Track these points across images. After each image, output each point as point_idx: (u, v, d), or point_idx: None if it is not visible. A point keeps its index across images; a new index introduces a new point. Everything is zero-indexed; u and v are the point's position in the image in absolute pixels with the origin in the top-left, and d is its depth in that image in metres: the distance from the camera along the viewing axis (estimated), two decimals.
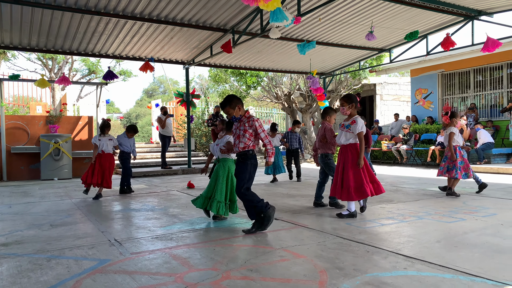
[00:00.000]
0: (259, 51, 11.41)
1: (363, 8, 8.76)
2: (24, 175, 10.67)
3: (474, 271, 2.92)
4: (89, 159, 11.48)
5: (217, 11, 8.40)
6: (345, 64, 13.59)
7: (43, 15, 8.05)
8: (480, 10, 9.19)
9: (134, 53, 10.87)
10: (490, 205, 5.63)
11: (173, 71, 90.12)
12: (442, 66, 14.87)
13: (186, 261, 3.30)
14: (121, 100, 78.85)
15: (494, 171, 10.27)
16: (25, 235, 4.34)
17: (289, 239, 3.94)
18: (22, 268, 3.20)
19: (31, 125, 10.88)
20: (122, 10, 8.08)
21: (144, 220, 5.06)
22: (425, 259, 3.20)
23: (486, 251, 3.41)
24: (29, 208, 6.05)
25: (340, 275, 2.89)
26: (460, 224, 4.46)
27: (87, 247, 3.80)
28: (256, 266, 3.12)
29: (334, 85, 17.75)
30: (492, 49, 8.29)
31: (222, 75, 17.69)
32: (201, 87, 37.47)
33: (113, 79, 10.19)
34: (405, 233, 4.12)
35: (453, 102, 14.95)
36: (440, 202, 5.98)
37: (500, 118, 13.04)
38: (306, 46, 8.51)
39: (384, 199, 6.30)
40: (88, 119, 11.77)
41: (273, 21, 5.83)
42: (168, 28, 9.14)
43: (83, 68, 20.92)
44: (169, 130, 12.09)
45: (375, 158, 14.09)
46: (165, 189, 8.11)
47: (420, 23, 9.96)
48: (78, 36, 9.28)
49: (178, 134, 17.48)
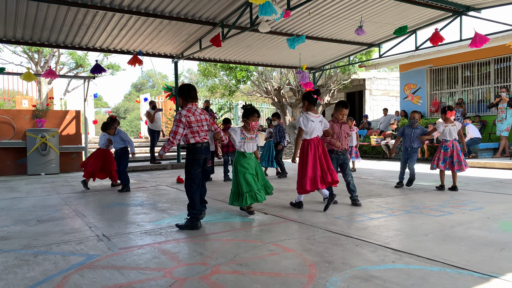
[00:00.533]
0: (249, 45, 11.36)
1: (353, 2, 8.76)
2: (10, 170, 10.50)
3: (461, 263, 2.96)
4: (76, 154, 11.35)
5: (206, 4, 8.32)
6: (335, 59, 13.61)
7: (28, 7, 7.88)
8: (468, 5, 9.26)
9: (122, 47, 10.73)
10: (477, 199, 5.71)
11: (162, 65, 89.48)
12: (430, 62, 14.99)
13: (175, 256, 3.29)
14: (109, 95, 78.05)
15: (481, 165, 10.42)
16: (11, 230, 4.27)
17: (279, 233, 3.95)
18: (9, 264, 3.15)
19: (17, 119, 10.69)
20: (110, 3, 7.96)
21: (133, 215, 5.02)
22: (413, 253, 3.23)
23: (473, 244, 3.46)
24: (16, 204, 5.96)
25: (329, 268, 2.90)
26: (448, 217, 4.51)
27: (75, 242, 3.76)
28: (246, 261, 3.12)
29: (324, 80, 17.79)
30: (479, 44, 8.37)
31: (212, 69, 17.60)
32: (190, 81, 37.25)
33: (101, 73, 10.05)
34: (393, 226, 4.16)
35: (441, 97, 15.10)
36: (428, 196, 6.05)
37: (488, 113, 13.22)
38: (295, 41, 8.50)
39: (372, 193, 6.35)
40: (75, 113, 11.60)
41: (262, 14, 5.80)
42: (157, 21, 9.03)
43: (70, 61, 20.61)
44: (158, 125, 12.00)
45: (364, 153, 14.19)
46: (154, 184, 8.06)
47: (409, 18, 10.01)
48: (65, 29, 9.12)
49: (167, 128, 17.36)
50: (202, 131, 4.26)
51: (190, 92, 4.28)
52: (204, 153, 4.27)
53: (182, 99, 4.27)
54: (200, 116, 4.25)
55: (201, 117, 4.26)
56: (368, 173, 9.32)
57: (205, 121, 4.30)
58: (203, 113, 4.32)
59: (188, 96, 4.26)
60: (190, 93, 4.28)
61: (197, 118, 4.21)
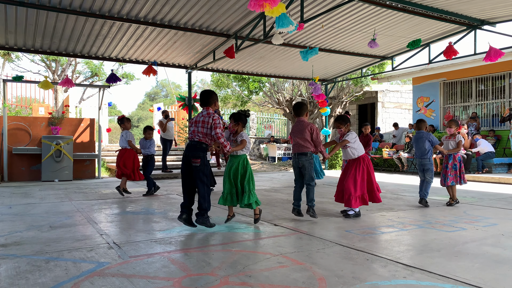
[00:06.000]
0: (262, 57, 11.45)
1: (366, 15, 8.79)
2: (25, 176, 10.68)
3: (474, 281, 2.90)
4: (90, 161, 11.50)
5: (220, 16, 8.44)
6: (347, 71, 13.62)
7: (47, 18, 8.10)
8: (483, 19, 9.21)
9: (137, 57, 10.91)
10: (491, 215, 5.61)
11: (175, 75, 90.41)
12: (444, 75, 14.89)
13: (184, 265, 3.29)
14: (123, 103, 79.00)
15: (495, 180, 10.24)
16: (24, 236, 4.34)
17: (288, 246, 3.93)
18: (21, 270, 3.20)
19: (33, 126, 10.91)
20: (126, 14, 8.13)
21: (143, 224, 5.05)
22: (424, 268, 3.18)
23: (487, 261, 3.40)
24: (29, 209, 6.05)
25: (339, 282, 2.87)
26: (461, 233, 4.44)
27: (86, 249, 3.79)
28: (255, 272, 3.11)
29: (336, 91, 17.78)
30: (494, 58, 8.30)
31: (224, 80, 17.75)
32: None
33: (116, 82, 10.22)
34: (405, 241, 4.10)
35: (454, 110, 14.95)
36: (440, 211, 5.96)
37: (502, 127, 13.03)
38: (308, 53, 8.54)
39: (384, 207, 6.28)
40: (90, 121, 11.80)
41: (279, 27, 5.84)
42: (172, 32, 9.18)
43: (86, 70, 21.05)
44: (170, 134, 12.10)
45: (376, 165, 14.07)
46: (165, 193, 8.10)
47: (422, 32, 9.99)
48: (82, 39, 9.33)
49: (179, 137, 17.50)
50: (194, 131, 4.55)
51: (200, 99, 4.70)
52: (186, 150, 4.53)
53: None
54: (199, 118, 4.57)
55: (198, 119, 4.56)
56: (379, 186, 9.20)
57: (201, 123, 4.52)
58: (203, 116, 4.57)
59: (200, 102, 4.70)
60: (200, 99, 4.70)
61: (195, 120, 4.60)
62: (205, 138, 4.48)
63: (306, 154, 5.13)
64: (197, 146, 4.47)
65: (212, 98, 4.63)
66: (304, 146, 5.14)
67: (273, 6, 4.96)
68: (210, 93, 4.67)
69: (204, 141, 4.49)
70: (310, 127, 5.16)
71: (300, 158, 5.16)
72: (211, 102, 4.61)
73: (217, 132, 4.44)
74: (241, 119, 4.94)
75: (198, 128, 4.48)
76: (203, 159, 4.46)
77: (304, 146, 5.14)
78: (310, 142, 5.16)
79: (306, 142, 5.14)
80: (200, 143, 4.48)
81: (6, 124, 10.45)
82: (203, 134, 4.47)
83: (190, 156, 4.45)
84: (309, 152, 5.14)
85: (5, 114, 10.52)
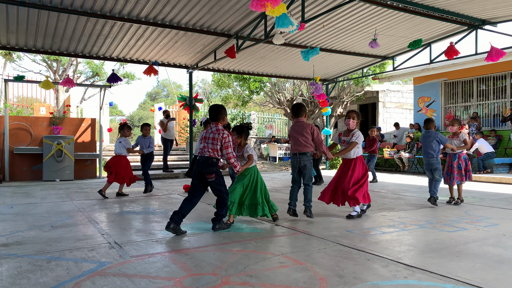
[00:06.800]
0: (263, 57, 11.44)
1: (367, 15, 8.78)
2: (26, 176, 10.69)
3: (476, 281, 2.90)
4: (91, 161, 11.51)
5: (221, 16, 8.44)
6: (348, 71, 13.61)
7: (49, 18, 8.11)
8: (484, 19, 9.20)
9: (138, 57, 10.91)
10: (492, 215, 5.60)
11: (176, 75, 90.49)
12: (445, 75, 14.87)
13: (185, 265, 3.30)
14: (124, 103, 79.07)
15: (496, 180, 10.23)
16: (26, 236, 4.34)
17: (289, 246, 3.93)
18: (22, 269, 3.20)
19: (35, 126, 10.92)
20: (128, 14, 8.13)
21: (144, 223, 5.06)
22: (426, 268, 3.18)
23: (488, 261, 3.40)
24: (30, 209, 6.06)
25: (340, 282, 2.88)
26: (462, 233, 4.44)
27: (87, 249, 3.80)
28: (256, 272, 3.11)
29: (337, 91, 17.76)
30: (496, 58, 8.28)
31: (225, 79, 17.75)
32: (204, 91, 37.58)
33: (117, 82, 10.23)
34: (406, 241, 4.10)
35: (456, 110, 14.93)
36: (441, 211, 5.96)
37: (503, 127, 13.01)
38: (309, 53, 8.53)
39: (385, 207, 6.28)
40: (91, 121, 11.81)
41: (278, 26, 5.84)
42: (173, 32, 9.18)
43: (87, 70, 21.06)
44: (171, 134, 12.11)
45: (377, 165, 14.06)
46: (166, 193, 8.11)
47: (423, 32, 9.97)
48: (83, 39, 9.33)
49: (180, 137, 17.51)
50: (205, 147, 4.53)
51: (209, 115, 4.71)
52: (199, 167, 4.51)
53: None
54: (208, 135, 4.56)
55: (208, 135, 4.54)
56: (380, 186, 9.23)
57: (211, 140, 4.52)
58: (212, 132, 4.53)
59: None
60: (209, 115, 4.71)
61: (204, 136, 4.59)
62: (215, 153, 4.49)
63: (307, 154, 5.16)
64: (209, 161, 4.48)
65: (220, 114, 4.60)
66: (305, 145, 5.16)
67: (275, 6, 4.96)
68: (218, 108, 4.64)
69: (214, 156, 4.50)
70: (310, 127, 5.19)
71: (301, 158, 5.17)
72: (219, 118, 4.60)
73: (228, 152, 4.51)
74: (244, 132, 5.04)
75: (209, 144, 4.49)
76: (217, 172, 4.52)
77: (305, 145, 5.16)
78: (310, 142, 5.18)
79: (306, 142, 5.16)
80: (211, 158, 4.48)
81: (8, 124, 10.46)
82: (213, 150, 4.49)
83: (204, 173, 4.47)
84: (309, 152, 5.16)
85: (6, 114, 10.53)
